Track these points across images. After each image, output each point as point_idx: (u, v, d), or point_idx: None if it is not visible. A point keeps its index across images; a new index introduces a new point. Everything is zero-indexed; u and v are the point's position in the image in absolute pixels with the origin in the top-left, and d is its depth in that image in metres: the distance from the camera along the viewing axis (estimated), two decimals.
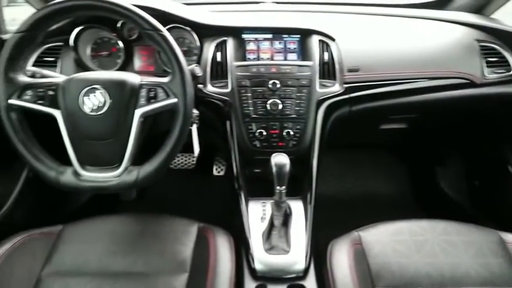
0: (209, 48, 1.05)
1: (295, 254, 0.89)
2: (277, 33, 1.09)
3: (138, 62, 1.10)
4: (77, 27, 1.03)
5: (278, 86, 1.00)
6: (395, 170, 1.78)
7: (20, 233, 0.87)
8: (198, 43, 1.06)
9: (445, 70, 1.09)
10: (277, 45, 1.09)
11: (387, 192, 1.70)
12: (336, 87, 1.04)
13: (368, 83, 1.06)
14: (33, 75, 0.83)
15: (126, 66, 1.08)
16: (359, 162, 1.79)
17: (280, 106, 1.00)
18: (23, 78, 0.76)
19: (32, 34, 0.75)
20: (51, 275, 0.78)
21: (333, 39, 1.07)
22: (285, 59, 1.08)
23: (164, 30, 0.76)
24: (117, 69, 1.06)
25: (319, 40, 1.07)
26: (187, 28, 1.05)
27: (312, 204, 1.00)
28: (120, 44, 1.06)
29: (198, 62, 1.05)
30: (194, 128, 0.90)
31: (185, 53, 1.10)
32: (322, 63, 1.04)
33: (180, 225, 0.91)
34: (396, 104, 1.10)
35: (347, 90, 1.05)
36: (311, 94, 1.02)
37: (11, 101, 0.74)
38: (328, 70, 1.04)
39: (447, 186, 1.61)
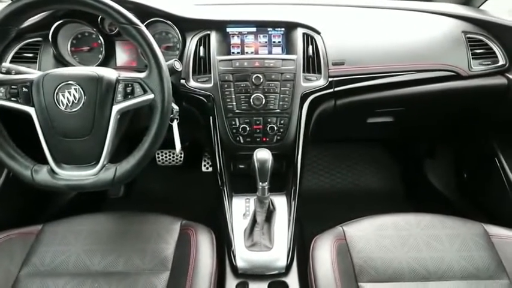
0: (191, 43, 1.03)
1: (278, 251, 0.88)
2: (262, 26, 1.07)
3: (120, 57, 1.08)
4: (56, 21, 1.01)
5: (261, 80, 0.99)
6: (384, 163, 1.77)
7: None
8: (179, 37, 1.04)
9: (432, 63, 1.07)
10: (262, 38, 1.07)
11: (376, 186, 1.70)
12: (321, 81, 1.03)
13: (353, 76, 1.05)
14: (8, 72, 0.80)
15: (108, 61, 1.06)
16: (348, 156, 1.78)
17: (264, 101, 0.99)
18: None
19: (4, 29, 0.72)
20: (30, 275, 0.77)
21: (318, 32, 1.06)
22: (270, 53, 1.06)
23: (139, 23, 0.74)
24: (98, 65, 1.04)
25: (303, 33, 1.05)
26: (168, 22, 1.02)
27: (295, 199, 0.99)
28: (101, 38, 1.04)
29: (181, 56, 1.03)
30: (175, 124, 0.88)
31: (169, 48, 1.09)
32: (307, 57, 1.03)
33: (164, 223, 0.89)
34: (382, 97, 1.09)
35: (332, 84, 1.03)
36: (295, 88, 1.00)
37: None
38: (312, 64, 1.03)
39: (436, 179, 1.61)
